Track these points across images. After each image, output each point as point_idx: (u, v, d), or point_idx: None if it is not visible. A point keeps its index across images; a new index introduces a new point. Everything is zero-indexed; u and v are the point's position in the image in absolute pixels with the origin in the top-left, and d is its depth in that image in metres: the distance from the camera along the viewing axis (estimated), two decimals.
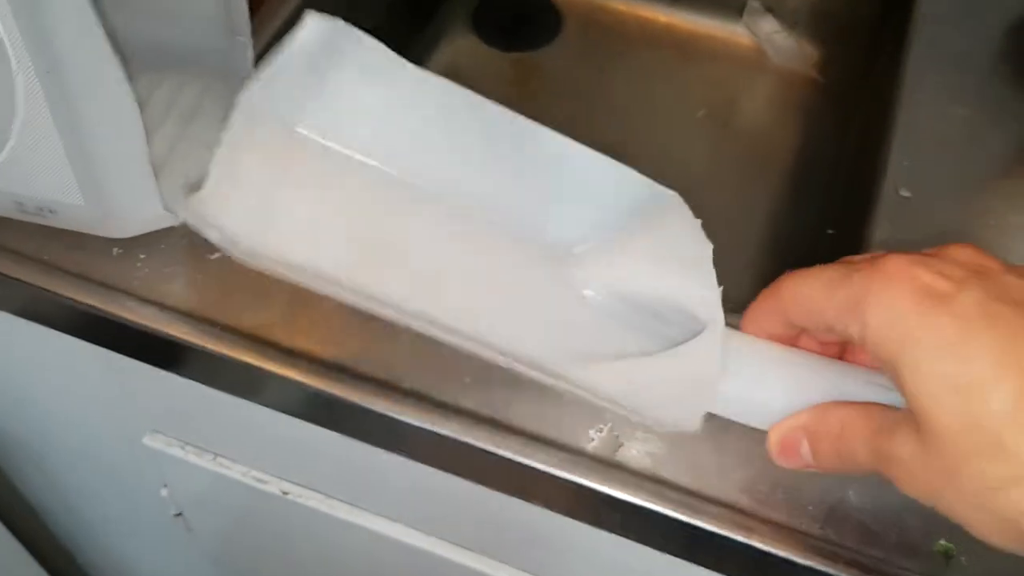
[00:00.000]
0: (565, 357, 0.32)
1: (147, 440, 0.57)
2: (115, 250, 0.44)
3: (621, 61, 0.74)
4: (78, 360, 0.50)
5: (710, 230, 0.67)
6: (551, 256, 0.36)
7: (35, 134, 0.40)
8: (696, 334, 0.32)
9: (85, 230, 0.44)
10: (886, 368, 0.26)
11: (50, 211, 0.43)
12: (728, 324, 0.32)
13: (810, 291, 0.29)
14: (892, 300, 0.26)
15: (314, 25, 0.33)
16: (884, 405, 0.29)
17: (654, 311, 0.34)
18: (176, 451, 0.56)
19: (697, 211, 0.69)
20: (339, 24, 0.34)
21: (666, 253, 0.34)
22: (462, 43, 0.74)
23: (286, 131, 0.35)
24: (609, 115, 0.71)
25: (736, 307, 0.34)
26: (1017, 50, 0.56)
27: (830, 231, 0.57)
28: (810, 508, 0.38)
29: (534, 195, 0.36)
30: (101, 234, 0.44)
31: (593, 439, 0.40)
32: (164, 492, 0.63)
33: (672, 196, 0.35)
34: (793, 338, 0.32)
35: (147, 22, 0.46)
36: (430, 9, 0.75)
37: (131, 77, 0.42)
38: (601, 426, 0.40)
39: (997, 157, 0.51)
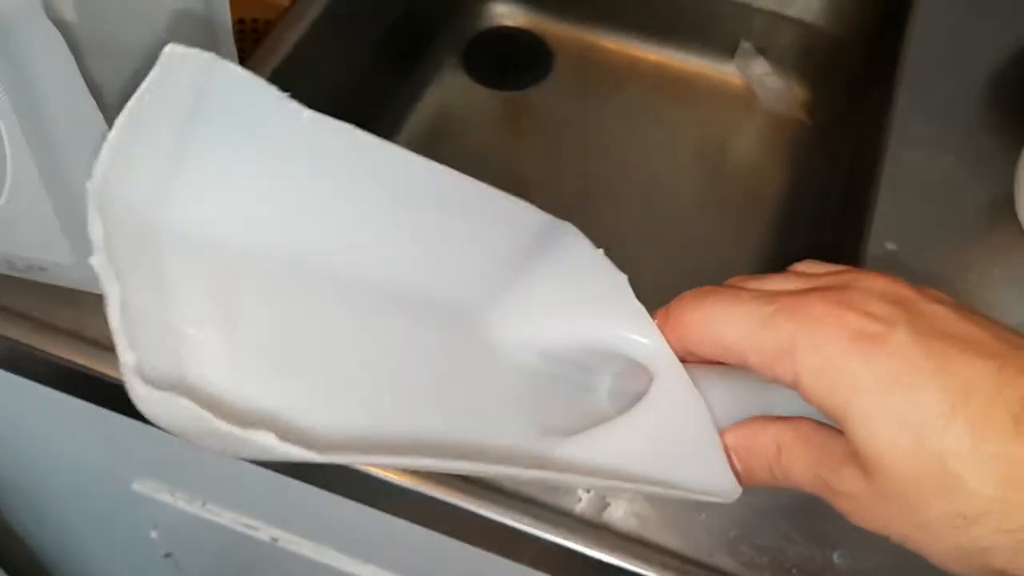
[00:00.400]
0: (545, 440, 0.29)
1: (136, 486, 0.57)
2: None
3: (612, 100, 0.74)
4: (67, 411, 0.50)
5: (697, 268, 0.67)
6: (467, 324, 0.32)
7: (23, 194, 0.40)
8: (634, 375, 0.31)
9: (76, 287, 0.44)
10: (829, 415, 0.26)
11: (40, 269, 0.43)
12: None
13: (724, 331, 0.28)
14: (826, 348, 0.25)
15: (173, 65, 0.26)
16: (812, 422, 0.28)
17: (579, 363, 0.33)
18: (165, 497, 0.56)
19: (685, 249, 0.68)
20: (207, 59, 0.26)
21: (578, 295, 0.32)
22: (453, 82, 0.75)
23: (151, 227, 0.26)
24: (599, 153, 0.72)
25: None
26: (1001, 98, 0.57)
27: None
28: (795, 571, 0.39)
29: (432, 251, 0.32)
30: (92, 291, 0.44)
31: (580, 499, 0.40)
32: (154, 534, 0.63)
33: (569, 227, 0.33)
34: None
35: (130, 74, 0.46)
36: (421, 48, 0.75)
37: None
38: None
39: (982, 208, 0.52)
